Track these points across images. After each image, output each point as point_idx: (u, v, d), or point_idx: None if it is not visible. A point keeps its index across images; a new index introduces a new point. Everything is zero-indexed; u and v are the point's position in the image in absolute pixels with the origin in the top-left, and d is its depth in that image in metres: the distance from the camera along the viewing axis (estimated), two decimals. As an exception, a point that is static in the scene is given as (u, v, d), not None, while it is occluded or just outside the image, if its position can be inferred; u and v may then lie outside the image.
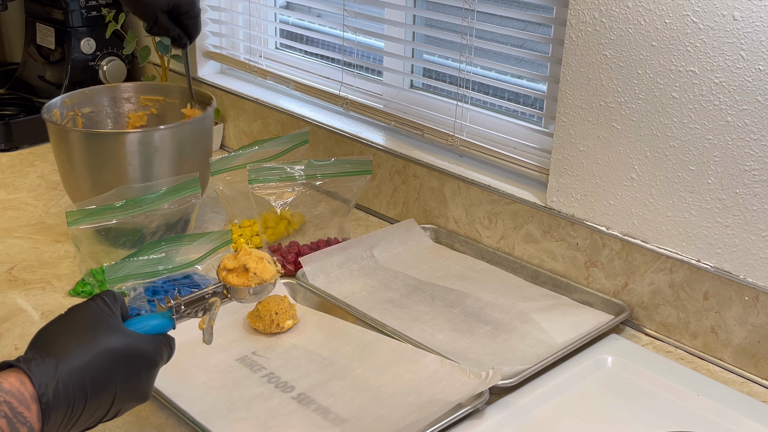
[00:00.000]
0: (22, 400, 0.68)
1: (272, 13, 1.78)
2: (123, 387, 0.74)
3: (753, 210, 1.03)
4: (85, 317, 0.75)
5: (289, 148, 1.43)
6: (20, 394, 0.68)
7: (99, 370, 0.72)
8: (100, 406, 0.73)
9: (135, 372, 0.76)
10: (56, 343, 0.72)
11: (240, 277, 0.86)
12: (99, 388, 0.72)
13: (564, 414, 0.97)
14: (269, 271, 0.88)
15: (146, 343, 0.77)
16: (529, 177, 1.32)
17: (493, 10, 1.33)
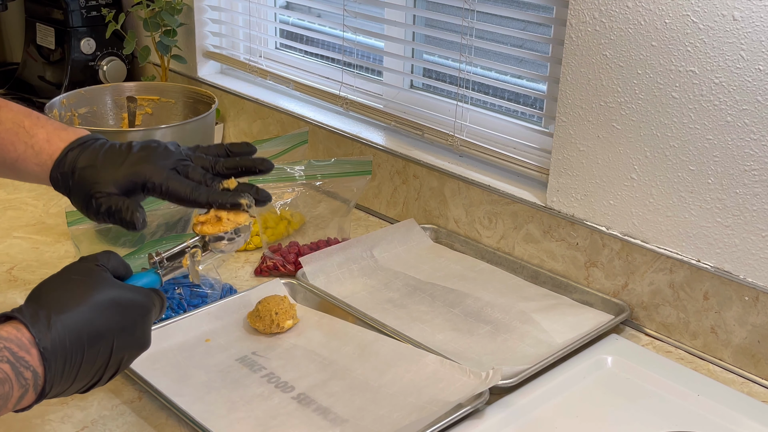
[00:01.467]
0: (21, 346, 0.69)
1: (272, 13, 1.78)
2: (119, 335, 0.75)
3: (753, 210, 1.03)
4: (77, 273, 0.77)
5: (289, 148, 1.43)
6: (18, 340, 0.69)
7: (93, 318, 0.73)
8: (100, 354, 0.74)
9: (129, 319, 0.76)
10: (49, 296, 0.74)
11: (215, 226, 0.87)
12: (95, 336, 0.73)
13: (564, 414, 0.97)
14: (242, 215, 0.88)
15: (137, 292, 0.78)
16: (529, 177, 1.32)
17: (493, 10, 1.33)
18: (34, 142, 0.90)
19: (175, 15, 1.71)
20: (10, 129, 0.91)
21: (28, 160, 0.90)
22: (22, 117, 0.92)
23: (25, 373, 0.69)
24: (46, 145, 0.91)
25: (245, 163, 0.91)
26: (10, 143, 0.91)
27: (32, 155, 0.90)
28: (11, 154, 0.91)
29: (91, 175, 0.87)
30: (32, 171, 0.91)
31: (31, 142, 0.90)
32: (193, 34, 1.83)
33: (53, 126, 0.92)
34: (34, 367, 0.69)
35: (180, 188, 0.86)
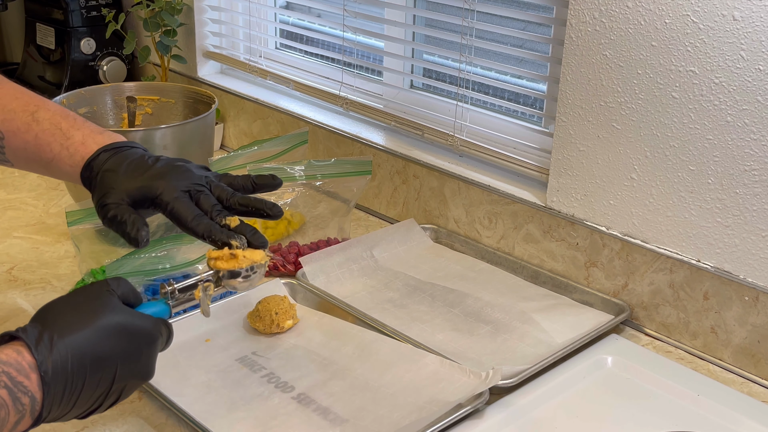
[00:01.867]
0: (20, 370, 0.68)
1: (272, 13, 1.78)
2: (123, 362, 0.74)
3: (753, 210, 1.03)
4: (85, 296, 0.76)
5: (289, 148, 1.43)
6: (18, 363, 0.68)
7: (98, 344, 0.72)
8: (101, 381, 0.72)
9: (135, 347, 0.75)
10: (55, 318, 0.72)
11: (229, 262, 0.86)
12: (98, 362, 0.72)
13: (564, 414, 0.97)
14: (258, 253, 0.88)
15: (145, 321, 0.77)
16: (529, 177, 1.32)
17: (493, 10, 1.33)
18: (69, 144, 0.92)
19: (175, 15, 1.71)
20: (47, 130, 0.92)
21: (62, 161, 0.92)
22: (60, 118, 0.93)
23: (23, 398, 0.67)
24: (81, 147, 0.92)
25: (256, 205, 0.89)
26: (47, 144, 0.92)
27: (66, 156, 0.91)
28: (47, 154, 0.92)
29: (109, 180, 0.88)
30: (65, 171, 0.92)
31: (67, 144, 0.92)
32: (193, 34, 1.83)
33: (89, 129, 0.93)
34: (33, 392, 0.68)
35: (184, 212, 0.86)
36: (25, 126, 0.93)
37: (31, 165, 0.95)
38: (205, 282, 0.86)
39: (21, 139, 0.93)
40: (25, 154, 0.93)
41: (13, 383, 0.67)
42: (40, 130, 0.92)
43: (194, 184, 0.88)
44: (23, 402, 0.67)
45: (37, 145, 0.92)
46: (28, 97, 0.96)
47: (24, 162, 0.95)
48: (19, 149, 0.93)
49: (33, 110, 0.94)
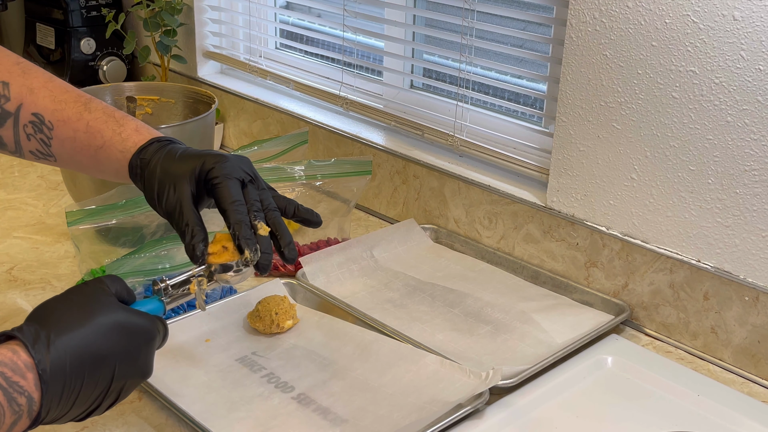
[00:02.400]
0: (16, 369, 0.67)
1: (272, 13, 1.78)
2: (122, 361, 0.74)
3: (753, 210, 1.03)
4: (81, 295, 0.75)
5: (288, 148, 1.43)
6: (13, 363, 0.67)
7: (95, 342, 0.72)
8: (100, 380, 0.72)
9: (133, 345, 0.75)
10: (51, 316, 0.72)
11: (221, 256, 0.86)
12: (97, 360, 0.72)
13: (564, 414, 0.97)
14: None
15: (142, 318, 0.77)
16: (529, 177, 1.32)
17: (493, 10, 1.33)
18: (122, 130, 0.92)
19: (175, 15, 1.71)
20: (100, 118, 0.93)
21: (113, 147, 0.91)
22: (112, 110, 0.94)
23: (19, 398, 0.67)
24: (134, 134, 0.92)
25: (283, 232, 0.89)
26: (98, 131, 0.92)
27: (119, 141, 0.91)
28: (97, 140, 0.92)
29: (165, 166, 0.87)
30: (114, 158, 0.91)
31: (120, 130, 0.92)
32: (193, 34, 1.83)
33: (143, 123, 0.94)
34: (29, 392, 0.67)
35: (228, 192, 0.85)
36: (77, 115, 0.93)
37: (77, 156, 0.94)
38: (197, 277, 0.86)
39: (71, 127, 0.92)
40: (72, 144, 0.93)
41: (8, 383, 0.66)
42: (92, 118, 0.92)
43: (249, 171, 0.88)
44: (19, 402, 0.67)
45: (88, 132, 0.92)
46: (80, 91, 0.96)
47: (69, 154, 0.94)
48: (67, 139, 0.93)
49: (85, 101, 0.94)
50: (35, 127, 0.93)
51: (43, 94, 0.93)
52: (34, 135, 0.93)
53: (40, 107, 0.93)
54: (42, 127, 0.93)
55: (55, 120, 0.93)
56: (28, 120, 0.92)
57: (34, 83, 0.94)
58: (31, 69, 0.96)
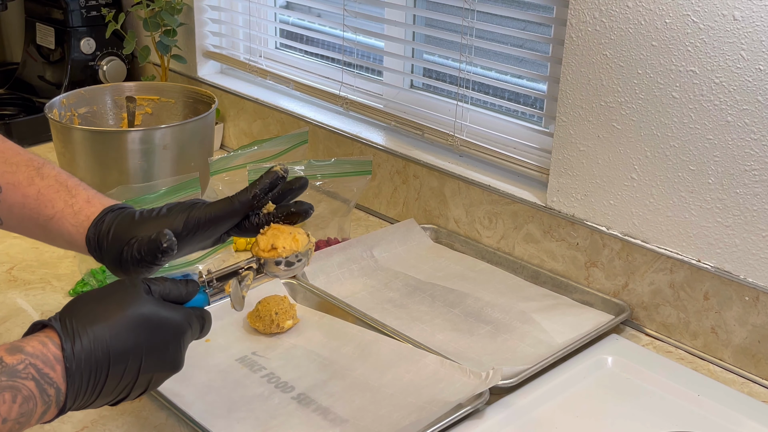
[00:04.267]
0: (46, 362, 0.69)
1: (272, 13, 1.78)
2: (149, 354, 0.74)
3: (753, 210, 1.03)
4: (113, 289, 0.76)
5: (288, 148, 1.43)
6: (44, 355, 0.69)
7: (123, 334, 0.72)
8: (126, 373, 0.73)
9: (160, 339, 0.75)
10: (83, 309, 0.73)
11: (270, 253, 0.86)
12: (123, 354, 0.72)
13: (564, 414, 0.97)
14: (299, 241, 0.87)
15: (173, 311, 0.77)
16: (529, 177, 1.32)
17: (493, 10, 1.33)
18: (74, 202, 0.90)
19: (175, 15, 1.71)
20: (52, 186, 0.91)
21: (64, 219, 0.89)
22: (65, 177, 0.92)
23: (49, 390, 0.69)
24: (86, 205, 0.90)
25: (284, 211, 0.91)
26: (49, 201, 0.90)
27: (70, 214, 0.89)
28: (48, 210, 0.90)
29: (126, 231, 0.86)
30: (66, 230, 0.89)
31: (71, 202, 0.90)
32: (193, 34, 1.83)
33: (94, 191, 0.92)
34: (58, 383, 0.69)
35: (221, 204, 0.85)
36: (28, 180, 0.90)
37: (25, 223, 0.92)
38: (245, 269, 0.85)
39: (21, 193, 0.90)
40: (22, 210, 0.90)
41: (39, 375, 0.68)
42: (43, 186, 0.90)
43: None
44: (49, 393, 0.69)
45: (39, 200, 0.90)
46: (32, 154, 0.94)
47: (18, 219, 0.92)
48: (16, 204, 0.90)
49: (38, 166, 0.92)
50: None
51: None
52: None
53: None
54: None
55: (5, 183, 0.90)
56: None
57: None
58: None
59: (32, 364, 0.68)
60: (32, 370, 0.68)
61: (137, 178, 1.29)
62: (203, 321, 0.81)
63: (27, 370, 0.68)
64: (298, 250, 0.86)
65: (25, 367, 0.68)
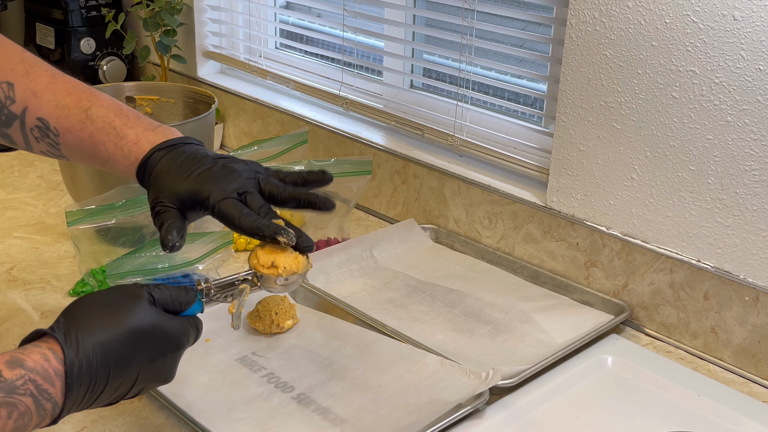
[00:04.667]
0: (46, 377, 0.69)
1: (272, 13, 1.78)
2: (147, 367, 0.75)
3: (753, 210, 1.03)
4: (117, 297, 0.76)
5: (288, 148, 1.43)
6: (44, 371, 0.69)
7: (124, 347, 0.73)
8: (123, 383, 0.74)
9: (160, 353, 0.76)
10: (84, 317, 0.73)
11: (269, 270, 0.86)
12: (123, 366, 0.73)
13: (564, 414, 0.97)
14: (300, 263, 0.87)
15: (173, 324, 0.77)
16: (529, 177, 1.32)
17: (493, 10, 1.33)
18: (123, 144, 0.91)
19: (175, 15, 1.71)
20: (102, 128, 0.92)
21: (118, 161, 0.92)
22: (113, 116, 0.93)
23: (45, 404, 0.69)
24: (134, 147, 0.91)
25: (308, 198, 0.90)
26: (101, 143, 0.92)
27: (121, 156, 0.91)
28: (102, 153, 0.92)
29: (160, 182, 0.88)
30: (122, 170, 0.92)
31: (121, 144, 0.91)
32: (193, 34, 1.83)
33: (143, 126, 0.93)
34: (56, 399, 0.69)
35: (231, 212, 0.85)
36: (80, 123, 0.92)
37: (87, 161, 0.95)
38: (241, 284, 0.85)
39: (76, 136, 0.92)
40: (80, 152, 0.93)
41: (38, 391, 0.68)
42: (94, 129, 0.92)
43: (242, 185, 0.88)
44: (46, 408, 0.69)
45: (93, 143, 0.92)
46: (81, 91, 0.95)
47: (80, 158, 0.95)
48: (74, 147, 0.93)
49: (86, 107, 0.93)
50: (41, 132, 0.92)
51: (47, 98, 0.92)
52: (42, 139, 0.93)
53: (44, 112, 0.92)
54: (48, 132, 0.92)
55: (60, 127, 0.92)
56: (34, 124, 0.92)
57: (37, 85, 0.93)
58: (35, 67, 0.94)
59: (32, 380, 0.68)
60: (31, 386, 0.68)
61: (137, 178, 1.29)
62: (197, 330, 0.81)
63: (26, 386, 0.67)
64: (298, 272, 0.87)
65: (24, 383, 0.67)
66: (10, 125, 0.92)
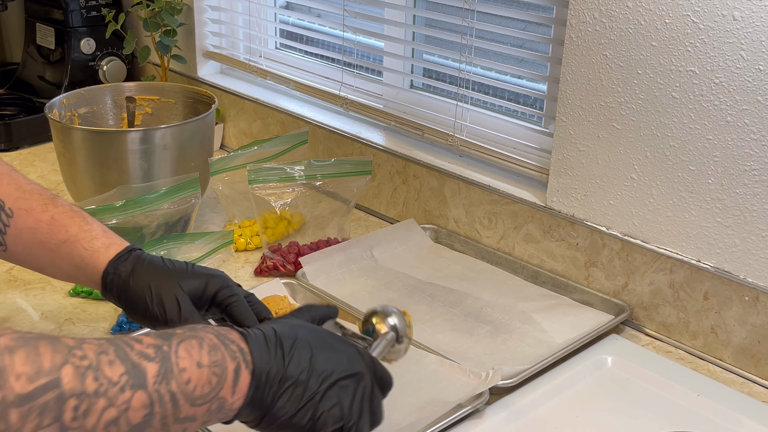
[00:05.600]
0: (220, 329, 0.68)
1: (272, 13, 1.78)
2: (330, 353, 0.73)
3: (753, 210, 1.03)
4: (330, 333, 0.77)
5: (288, 148, 1.43)
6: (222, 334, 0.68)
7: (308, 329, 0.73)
8: (324, 399, 0.70)
9: (342, 350, 0.74)
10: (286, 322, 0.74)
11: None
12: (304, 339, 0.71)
13: (564, 414, 0.97)
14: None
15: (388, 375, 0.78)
16: (529, 177, 1.32)
17: (493, 10, 1.33)
18: (89, 228, 0.90)
19: (175, 15, 1.71)
20: (67, 213, 0.90)
21: (77, 243, 0.89)
22: (78, 208, 0.93)
23: (231, 345, 0.67)
24: (102, 234, 0.90)
25: None
26: (63, 225, 0.89)
27: (85, 239, 0.89)
28: (60, 234, 0.89)
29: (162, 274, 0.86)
30: (76, 254, 0.89)
31: (87, 228, 0.90)
32: (193, 34, 1.83)
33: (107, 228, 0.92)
34: (237, 342, 0.67)
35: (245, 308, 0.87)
36: (42, 206, 0.90)
37: (33, 249, 0.90)
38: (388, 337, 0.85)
39: (34, 218, 0.89)
40: (32, 235, 0.89)
41: (217, 332, 0.67)
42: (57, 212, 0.90)
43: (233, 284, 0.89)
44: (232, 349, 0.67)
45: (52, 225, 0.89)
46: (43, 187, 0.94)
47: (25, 245, 0.90)
48: (27, 229, 0.89)
49: (51, 195, 0.92)
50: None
51: (7, 181, 0.90)
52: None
53: (2, 193, 0.89)
54: (0, 213, 0.89)
55: (17, 208, 0.89)
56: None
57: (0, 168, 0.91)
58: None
59: (208, 328, 0.67)
60: (210, 329, 0.67)
61: (137, 178, 1.29)
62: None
63: (205, 328, 0.67)
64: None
65: (203, 327, 0.67)
66: None
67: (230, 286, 0.88)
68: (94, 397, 0.58)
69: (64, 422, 0.57)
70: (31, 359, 0.56)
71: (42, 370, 0.56)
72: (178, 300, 0.85)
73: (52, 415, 0.56)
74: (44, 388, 0.56)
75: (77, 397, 0.57)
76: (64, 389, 0.57)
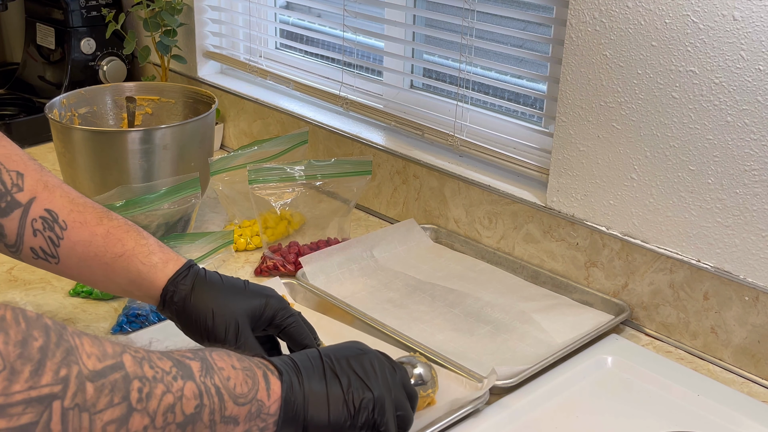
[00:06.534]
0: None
1: (272, 13, 1.78)
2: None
3: (753, 210, 1.03)
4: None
5: (289, 148, 1.43)
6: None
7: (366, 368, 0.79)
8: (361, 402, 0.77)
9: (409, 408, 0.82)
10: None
11: None
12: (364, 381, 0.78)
13: (564, 414, 0.97)
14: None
15: None
16: (529, 177, 1.32)
17: (493, 10, 1.33)
18: (146, 243, 0.89)
19: (175, 15, 1.71)
20: (122, 227, 0.90)
21: (134, 258, 0.88)
22: (132, 223, 0.92)
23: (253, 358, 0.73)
24: (159, 249, 0.90)
25: None
26: (119, 239, 0.89)
27: (142, 254, 0.88)
28: (116, 248, 0.88)
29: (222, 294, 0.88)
30: (133, 268, 0.88)
31: (144, 242, 0.89)
32: (193, 34, 1.83)
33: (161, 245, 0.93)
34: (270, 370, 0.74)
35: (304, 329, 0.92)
36: (97, 219, 0.89)
37: (88, 262, 0.89)
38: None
39: (89, 231, 0.88)
40: (86, 249, 0.88)
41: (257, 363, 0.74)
42: (113, 226, 0.89)
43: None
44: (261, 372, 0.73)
45: (107, 238, 0.88)
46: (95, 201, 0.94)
47: (79, 258, 0.89)
48: (81, 242, 0.88)
49: (104, 209, 0.92)
50: (45, 224, 0.87)
51: (60, 194, 0.89)
52: (42, 231, 0.87)
53: (56, 205, 0.88)
54: (54, 225, 0.88)
55: (71, 221, 0.88)
56: (38, 215, 0.87)
57: (50, 180, 0.90)
58: (46, 169, 0.92)
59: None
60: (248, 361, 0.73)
61: (137, 178, 1.29)
62: None
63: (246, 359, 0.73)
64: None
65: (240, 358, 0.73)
66: (7, 214, 0.87)
67: (286, 307, 0.91)
68: (153, 382, 0.62)
69: (131, 402, 0.60)
70: (96, 344, 0.60)
71: (107, 353, 0.60)
72: (239, 325, 0.87)
73: (121, 394, 0.59)
74: (112, 368, 0.60)
75: (140, 380, 0.61)
76: (128, 371, 0.61)
